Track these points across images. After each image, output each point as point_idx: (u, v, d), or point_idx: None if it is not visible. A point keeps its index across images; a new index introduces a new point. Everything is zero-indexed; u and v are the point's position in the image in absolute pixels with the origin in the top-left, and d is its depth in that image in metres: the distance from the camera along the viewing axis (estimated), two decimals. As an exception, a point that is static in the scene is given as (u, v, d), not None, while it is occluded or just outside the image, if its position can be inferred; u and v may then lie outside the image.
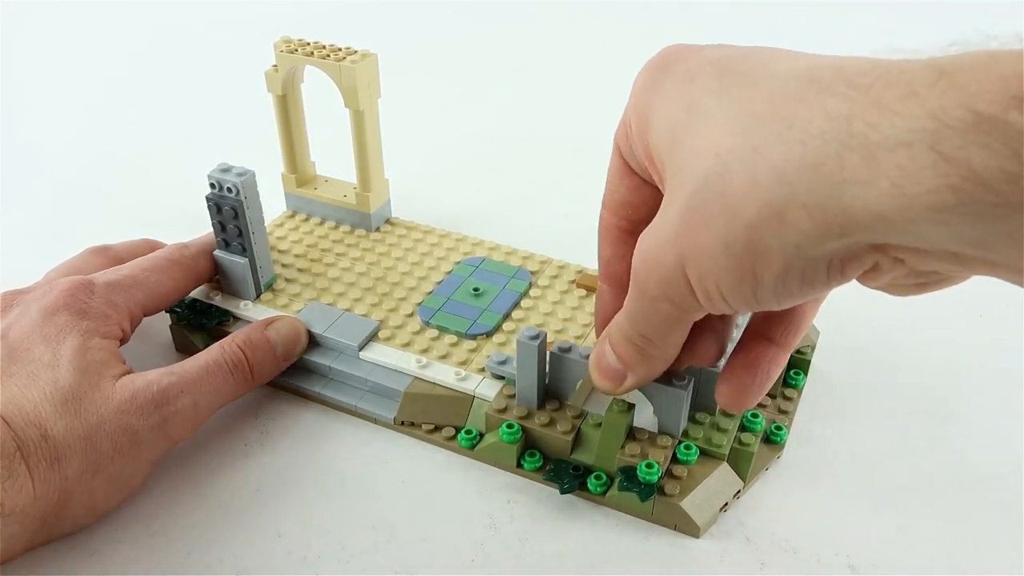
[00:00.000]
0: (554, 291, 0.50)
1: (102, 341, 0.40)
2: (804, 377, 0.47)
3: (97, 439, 0.37)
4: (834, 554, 0.39)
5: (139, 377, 0.40)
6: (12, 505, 0.35)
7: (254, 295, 0.49)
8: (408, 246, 0.54)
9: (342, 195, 0.56)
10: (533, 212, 0.63)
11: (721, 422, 0.41)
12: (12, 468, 0.35)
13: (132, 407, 0.38)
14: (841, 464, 0.43)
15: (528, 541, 0.40)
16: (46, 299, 0.41)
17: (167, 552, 0.39)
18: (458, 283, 0.51)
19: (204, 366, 0.42)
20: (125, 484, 0.39)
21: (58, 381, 0.38)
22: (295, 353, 0.46)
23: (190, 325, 0.49)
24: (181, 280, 0.47)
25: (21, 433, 0.36)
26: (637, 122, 0.32)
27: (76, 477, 0.37)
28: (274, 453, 0.44)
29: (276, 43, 0.52)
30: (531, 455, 0.42)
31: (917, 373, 0.49)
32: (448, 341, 0.47)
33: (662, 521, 0.40)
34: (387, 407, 0.45)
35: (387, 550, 0.39)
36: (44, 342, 0.39)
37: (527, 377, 0.41)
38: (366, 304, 0.49)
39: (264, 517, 0.41)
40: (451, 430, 0.44)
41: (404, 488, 0.42)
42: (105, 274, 0.44)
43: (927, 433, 0.45)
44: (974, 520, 0.40)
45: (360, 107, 0.51)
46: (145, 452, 0.39)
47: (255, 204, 0.47)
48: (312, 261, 0.53)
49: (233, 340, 0.44)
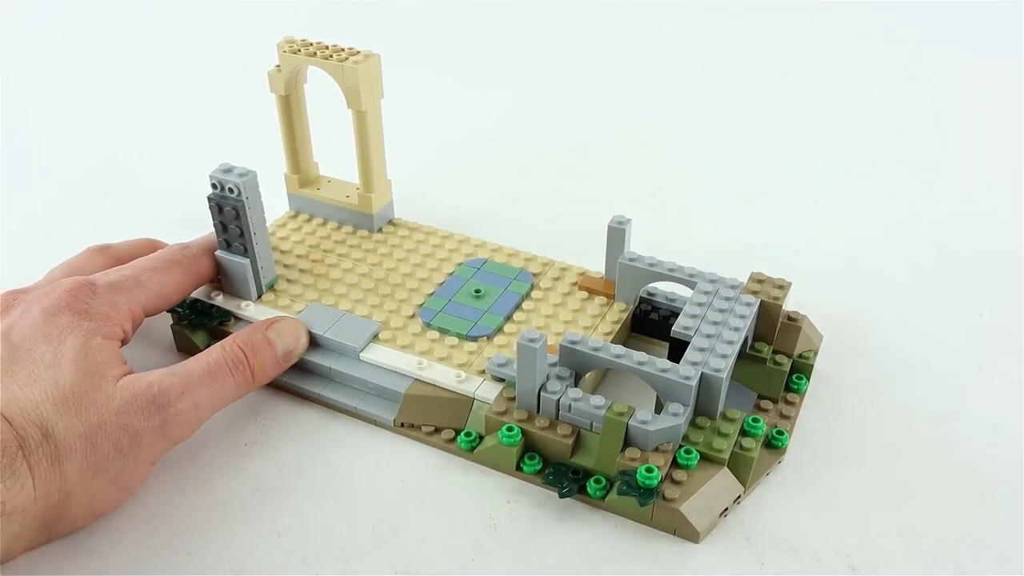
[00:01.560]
0: (556, 293, 0.50)
1: (104, 341, 0.41)
2: (807, 381, 0.47)
3: (98, 439, 0.37)
4: (834, 554, 0.39)
5: (140, 378, 0.40)
6: (13, 504, 0.35)
7: (255, 295, 0.50)
8: (410, 247, 0.54)
9: (344, 196, 0.56)
10: (536, 213, 0.63)
11: (722, 427, 0.41)
12: (13, 467, 0.35)
13: (133, 407, 0.38)
14: (841, 464, 0.43)
15: (528, 541, 0.40)
16: (48, 299, 0.41)
17: (167, 552, 0.39)
18: (460, 285, 0.51)
19: (205, 367, 0.42)
20: (125, 484, 0.39)
21: (59, 381, 0.38)
22: (296, 354, 0.46)
23: (191, 325, 0.49)
24: (183, 280, 0.47)
25: (22, 432, 0.36)
26: None
27: (76, 477, 0.37)
28: (274, 453, 0.44)
29: (279, 43, 0.52)
30: (531, 458, 0.42)
31: (917, 373, 0.49)
32: (449, 343, 0.47)
33: (661, 526, 0.40)
34: (387, 409, 0.45)
35: (387, 550, 0.39)
36: (46, 342, 0.39)
37: (527, 380, 0.41)
38: (367, 305, 0.49)
39: (264, 517, 0.41)
40: (451, 432, 0.44)
41: (404, 488, 0.42)
42: (107, 275, 0.44)
43: (927, 433, 0.45)
44: (974, 520, 0.40)
45: (363, 107, 0.51)
46: (145, 452, 0.39)
47: (256, 205, 0.47)
48: (314, 262, 0.53)
49: (234, 341, 0.44)
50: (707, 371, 0.40)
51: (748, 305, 0.44)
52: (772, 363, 0.45)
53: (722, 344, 0.41)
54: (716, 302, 0.44)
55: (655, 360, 0.40)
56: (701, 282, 0.45)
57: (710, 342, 0.42)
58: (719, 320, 0.43)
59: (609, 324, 0.48)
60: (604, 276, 0.51)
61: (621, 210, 0.50)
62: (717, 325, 0.43)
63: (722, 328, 0.42)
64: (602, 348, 0.41)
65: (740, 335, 0.42)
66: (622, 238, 0.48)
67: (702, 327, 0.42)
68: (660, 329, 0.49)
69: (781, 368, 0.45)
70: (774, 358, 0.45)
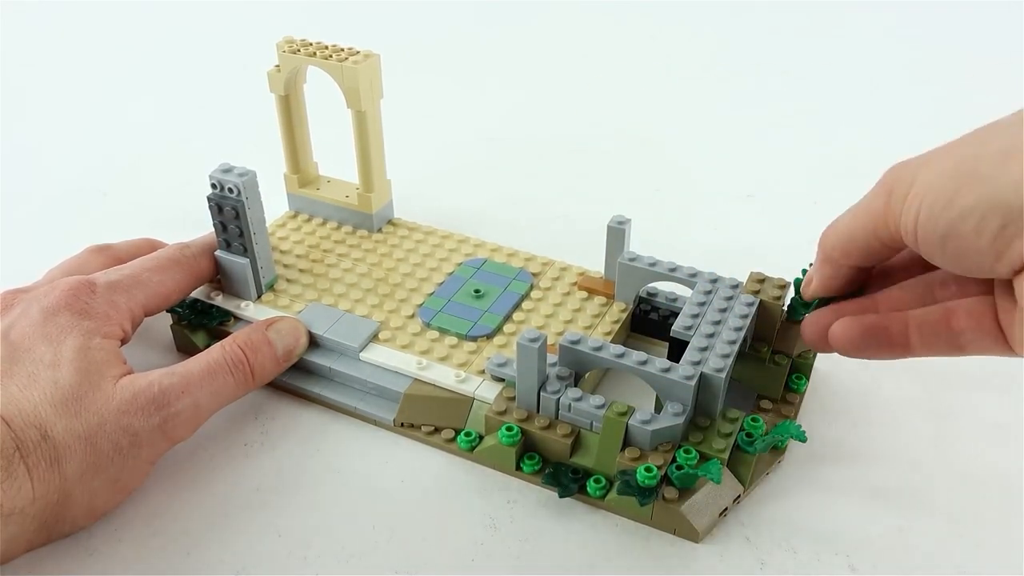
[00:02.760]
0: (556, 293, 0.50)
1: (103, 341, 0.40)
2: (806, 381, 0.46)
3: (97, 439, 0.37)
4: (834, 554, 0.39)
5: (140, 377, 0.40)
6: (11, 505, 0.35)
7: (255, 295, 0.50)
8: (410, 247, 0.54)
9: (344, 195, 0.56)
10: (535, 213, 0.63)
11: (722, 427, 0.41)
12: (11, 469, 0.35)
13: (133, 407, 0.38)
14: (841, 464, 0.43)
15: (528, 541, 0.40)
16: (47, 299, 0.41)
17: (167, 552, 0.39)
18: (459, 284, 0.51)
19: (205, 367, 0.42)
20: (125, 485, 0.39)
21: (58, 381, 0.38)
22: (296, 354, 0.46)
23: (191, 325, 0.49)
24: (182, 280, 0.47)
25: (21, 434, 0.36)
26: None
27: (76, 477, 0.37)
28: (274, 453, 0.44)
29: (278, 43, 0.52)
30: (530, 458, 0.42)
31: (917, 373, 0.49)
32: (448, 343, 0.47)
33: (661, 526, 0.40)
34: (387, 408, 0.45)
35: (387, 550, 0.39)
36: (45, 342, 0.39)
37: (527, 380, 0.41)
38: (367, 305, 0.49)
39: (264, 517, 0.41)
40: (450, 432, 0.44)
41: (404, 488, 0.42)
42: (106, 274, 0.44)
43: (927, 433, 0.45)
44: (974, 520, 0.40)
45: (362, 107, 0.51)
46: (145, 453, 0.39)
47: (256, 205, 0.47)
48: (314, 262, 0.53)
49: (234, 341, 0.44)
50: (707, 371, 0.40)
51: (749, 305, 0.44)
52: (772, 363, 0.45)
53: (722, 344, 0.41)
54: (716, 302, 0.44)
55: (655, 360, 0.40)
56: (701, 282, 0.45)
57: (710, 341, 0.42)
58: (719, 320, 0.43)
59: (609, 324, 0.48)
60: (604, 276, 0.51)
61: (621, 210, 0.50)
62: (717, 325, 0.43)
63: (722, 328, 0.42)
64: (602, 348, 0.41)
65: (740, 335, 0.42)
66: (622, 238, 0.48)
67: (702, 327, 0.42)
68: (660, 329, 0.49)
69: (781, 368, 0.45)
70: (774, 358, 0.45)
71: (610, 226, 0.48)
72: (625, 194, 0.67)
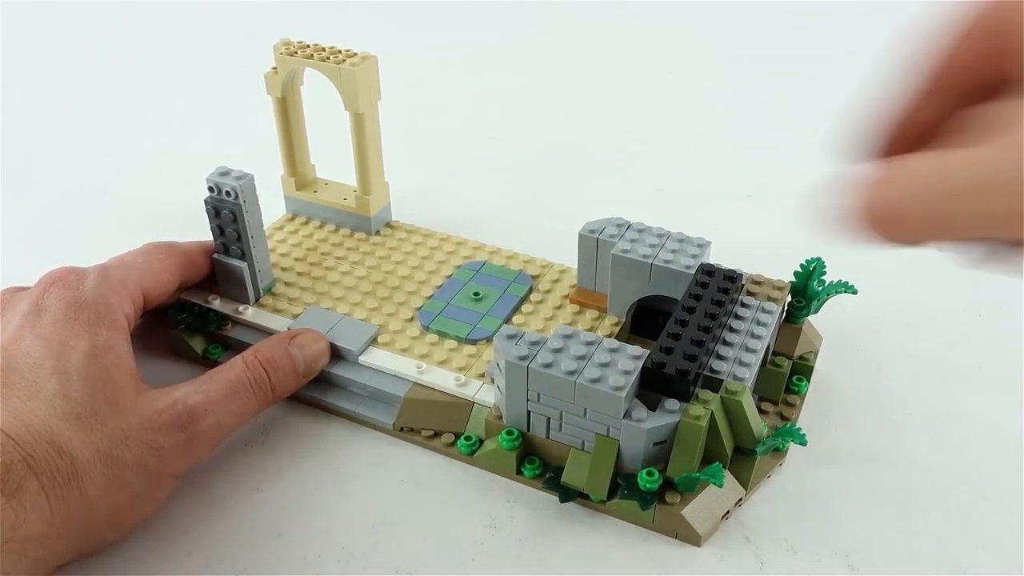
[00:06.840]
0: (555, 296, 0.50)
1: (110, 335, 0.39)
2: (807, 383, 0.46)
3: (120, 454, 0.36)
4: (834, 554, 0.39)
5: (164, 394, 0.39)
6: (26, 533, 0.33)
7: (253, 299, 0.49)
8: (408, 250, 0.54)
9: (342, 198, 0.56)
10: (534, 216, 0.63)
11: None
12: (21, 488, 0.33)
13: (157, 424, 0.37)
14: (841, 464, 0.43)
15: (529, 541, 0.40)
16: (34, 294, 0.40)
17: (167, 552, 0.39)
18: (458, 287, 0.51)
19: (227, 386, 0.41)
20: (151, 499, 0.38)
21: (68, 393, 0.36)
22: (316, 369, 0.45)
23: (188, 329, 0.49)
24: (175, 265, 0.46)
25: (30, 449, 0.34)
26: None
27: (99, 493, 0.35)
28: (274, 453, 0.44)
29: (276, 45, 0.52)
30: (531, 462, 0.42)
31: (917, 374, 0.49)
32: (448, 346, 0.46)
33: (663, 529, 0.40)
34: (386, 412, 0.45)
35: (387, 550, 0.39)
36: (44, 344, 0.38)
37: (516, 398, 0.40)
38: (365, 308, 0.49)
39: (264, 517, 0.41)
40: (450, 436, 0.44)
41: (404, 488, 0.42)
42: (95, 264, 0.43)
43: (927, 433, 0.45)
44: (974, 520, 0.40)
45: (360, 109, 0.51)
46: (170, 468, 0.38)
47: (254, 208, 0.47)
48: (312, 265, 0.53)
49: (256, 358, 0.42)
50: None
51: (748, 307, 0.44)
52: (772, 365, 0.45)
53: (729, 346, 0.41)
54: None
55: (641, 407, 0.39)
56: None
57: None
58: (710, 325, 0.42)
59: (608, 327, 0.48)
60: (577, 285, 0.50)
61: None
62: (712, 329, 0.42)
63: (718, 330, 0.42)
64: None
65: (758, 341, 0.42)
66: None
67: None
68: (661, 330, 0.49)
69: (781, 370, 0.45)
70: (774, 360, 0.45)
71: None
72: (626, 194, 0.67)
